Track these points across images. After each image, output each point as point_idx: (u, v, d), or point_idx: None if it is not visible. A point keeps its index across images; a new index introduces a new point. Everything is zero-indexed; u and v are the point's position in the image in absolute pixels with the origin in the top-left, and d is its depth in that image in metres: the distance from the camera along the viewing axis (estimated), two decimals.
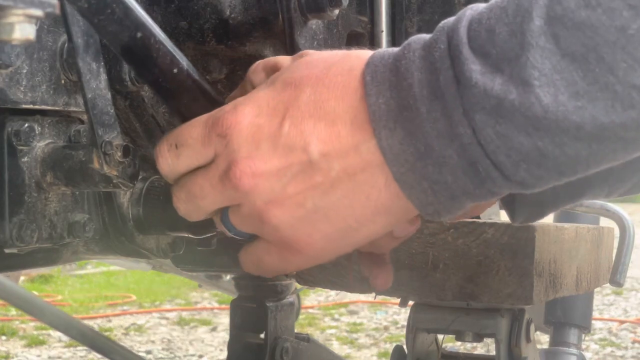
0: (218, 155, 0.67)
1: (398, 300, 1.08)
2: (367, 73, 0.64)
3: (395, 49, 0.65)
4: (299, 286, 1.22)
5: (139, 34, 0.67)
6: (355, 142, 0.64)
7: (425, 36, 0.63)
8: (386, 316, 5.71)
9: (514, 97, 0.58)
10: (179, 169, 0.70)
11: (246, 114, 0.66)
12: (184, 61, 0.71)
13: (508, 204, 0.83)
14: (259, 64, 0.76)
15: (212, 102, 0.73)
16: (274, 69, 0.73)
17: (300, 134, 0.64)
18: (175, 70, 0.70)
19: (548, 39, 0.57)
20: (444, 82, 0.60)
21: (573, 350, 1.84)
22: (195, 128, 0.68)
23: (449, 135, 0.60)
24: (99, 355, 1.34)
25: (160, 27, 0.76)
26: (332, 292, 5.93)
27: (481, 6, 0.62)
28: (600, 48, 0.56)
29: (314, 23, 0.92)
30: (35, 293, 3.89)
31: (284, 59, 0.74)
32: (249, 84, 0.75)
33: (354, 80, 0.64)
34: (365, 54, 0.67)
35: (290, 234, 0.66)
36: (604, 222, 1.60)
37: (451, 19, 0.62)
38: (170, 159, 0.70)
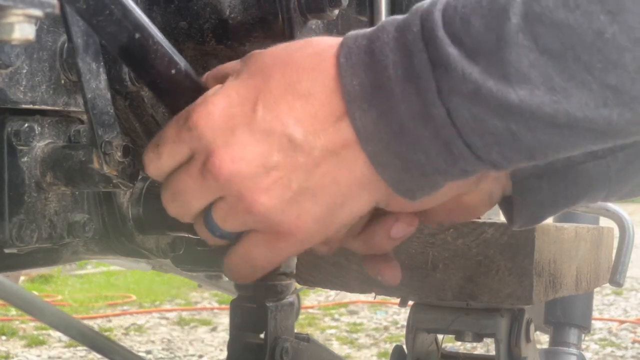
0: (195, 150, 0.66)
1: (398, 300, 1.08)
2: (341, 55, 0.64)
3: (368, 31, 0.65)
4: (299, 286, 1.22)
5: (137, 35, 0.67)
6: (333, 119, 0.64)
7: (398, 18, 0.64)
8: (386, 316, 5.71)
9: (491, 84, 0.58)
10: (163, 169, 0.69)
11: (216, 105, 0.66)
12: (182, 62, 0.71)
13: (506, 208, 0.83)
14: (207, 75, 0.75)
15: None
16: (225, 76, 0.72)
17: (276, 117, 0.64)
18: (173, 71, 0.70)
19: (526, 36, 0.58)
20: (418, 64, 0.61)
21: (573, 350, 1.84)
22: (170, 126, 0.68)
23: (422, 116, 0.61)
24: (99, 355, 1.34)
25: (160, 27, 0.76)
26: (332, 292, 5.92)
27: None
28: (578, 48, 0.57)
29: (314, 23, 0.92)
30: (35, 293, 3.89)
31: (233, 64, 0.73)
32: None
33: (323, 61, 0.64)
34: (328, 39, 0.67)
35: (279, 218, 0.65)
36: (604, 222, 1.60)
37: (425, 2, 0.63)
38: (155, 160, 0.70)
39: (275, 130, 0.64)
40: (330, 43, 0.66)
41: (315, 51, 0.66)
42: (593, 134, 0.59)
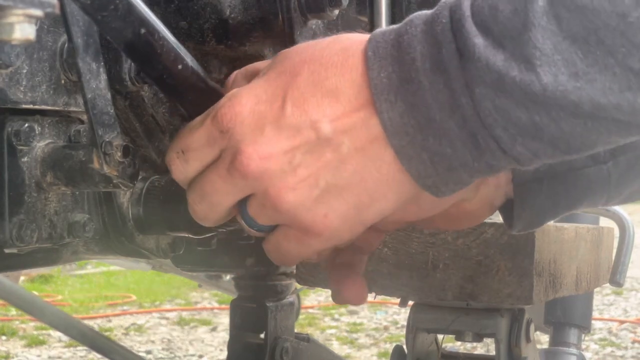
0: (224, 150, 0.67)
1: (398, 300, 1.08)
2: (369, 49, 0.64)
3: (396, 26, 0.65)
4: (299, 286, 1.22)
5: (142, 30, 0.67)
6: (361, 116, 0.64)
7: (427, 12, 0.64)
8: (386, 316, 5.71)
9: (515, 73, 0.59)
10: (191, 174, 0.70)
11: (244, 104, 0.66)
12: (188, 57, 0.71)
13: (505, 212, 0.83)
14: (237, 73, 0.75)
15: (218, 98, 0.73)
16: (254, 75, 0.72)
17: (304, 113, 0.64)
18: (179, 67, 0.70)
19: (550, 19, 0.58)
20: (446, 55, 0.61)
21: (573, 350, 1.84)
22: (196, 130, 0.68)
23: (450, 107, 0.61)
24: (99, 355, 1.34)
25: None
26: None
27: None
28: (601, 32, 0.57)
29: (314, 23, 0.92)
30: (35, 293, 3.89)
31: (263, 63, 0.74)
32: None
33: (351, 57, 0.65)
34: (355, 35, 0.67)
35: (307, 217, 0.66)
36: (604, 222, 1.60)
37: None
38: (181, 166, 0.70)
39: (303, 126, 0.64)
40: (358, 39, 0.66)
41: (343, 47, 0.66)
42: (616, 125, 0.59)
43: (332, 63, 0.65)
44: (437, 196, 0.66)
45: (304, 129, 0.64)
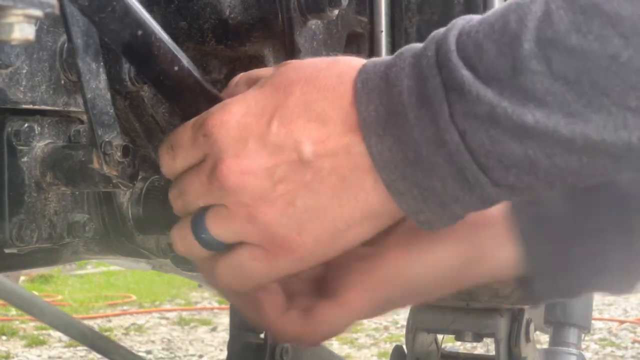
0: (207, 155, 0.66)
1: None
2: (358, 80, 0.64)
3: (388, 57, 0.65)
4: None
5: (139, 32, 0.67)
6: (345, 143, 0.63)
7: (417, 45, 0.63)
8: (386, 316, 5.71)
9: (506, 104, 0.58)
10: (177, 170, 0.70)
11: (233, 113, 0.66)
12: (184, 59, 0.71)
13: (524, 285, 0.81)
14: (240, 77, 0.75)
15: (213, 100, 0.73)
16: (255, 81, 0.72)
17: (289, 133, 0.64)
18: (176, 68, 0.70)
19: (540, 62, 0.57)
20: (431, 88, 0.60)
21: (573, 350, 1.84)
22: (185, 129, 0.69)
23: (436, 141, 0.60)
24: (99, 356, 1.34)
25: (160, 27, 0.76)
26: None
27: (474, 18, 0.62)
28: (593, 73, 0.56)
29: (314, 23, 0.92)
30: (35, 293, 3.89)
31: (266, 70, 0.74)
32: (230, 97, 0.75)
33: (343, 84, 0.64)
34: (354, 60, 0.67)
35: (281, 232, 0.65)
36: None
37: (442, 29, 0.63)
38: (170, 161, 0.70)
39: (287, 146, 0.64)
40: (354, 65, 0.66)
41: (338, 72, 0.65)
42: (613, 160, 0.58)
43: (325, 86, 0.65)
44: (431, 230, 0.66)
45: (286, 149, 0.64)
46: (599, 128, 0.57)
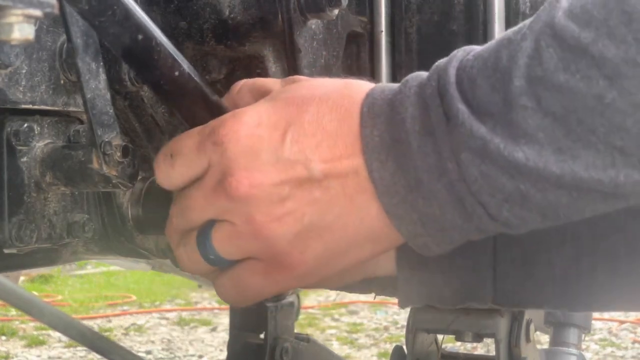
0: (213, 165, 0.66)
1: (398, 301, 1.07)
2: (364, 104, 0.65)
3: (396, 85, 0.65)
4: None
5: (140, 36, 0.67)
6: (355, 165, 0.64)
7: (423, 74, 0.64)
8: (386, 316, 5.71)
9: (498, 140, 0.59)
10: (174, 178, 0.69)
11: (245, 123, 0.65)
12: (185, 64, 0.71)
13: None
14: (243, 84, 0.75)
15: (213, 105, 0.73)
16: (260, 91, 0.72)
17: (302, 150, 0.64)
18: (176, 73, 0.70)
19: (530, 98, 0.58)
20: (434, 118, 0.61)
21: (573, 350, 1.84)
22: (190, 137, 0.68)
23: (438, 170, 0.61)
24: (99, 356, 1.34)
25: (160, 27, 0.76)
26: (332, 292, 5.93)
27: (473, 49, 0.63)
28: (580, 111, 0.57)
29: (314, 23, 0.92)
30: (35, 293, 3.89)
31: (272, 82, 0.74)
32: (231, 103, 0.74)
33: (354, 106, 0.65)
34: (366, 84, 0.67)
35: (284, 249, 0.65)
36: None
37: (445, 59, 0.63)
38: (165, 168, 0.69)
39: (298, 162, 0.64)
40: (364, 89, 0.66)
41: (350, 94, 0.66)
42: (601, 196, 0.59)
43: (337, 107, 0.65)
44: (429, 255, 0.66)
45: (298, 165, 0.64)
46: (587, 165, 0.58)
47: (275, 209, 0.64)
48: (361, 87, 0.67)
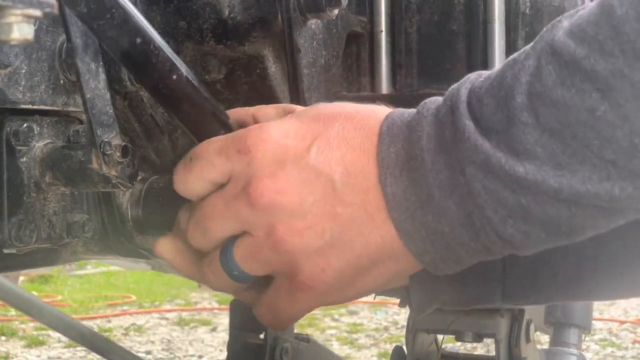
0: (236, 173, 0.66)
1: (398, 301, 1.07)
2: (384, 124, 0.66)
3: (414, 110, 0.67)
4: None
5: (138, 40, 0.67)
6: (375, 182, 0.64)
7: (440, 98, 0.66)
8: (386, 316, 5.71)
9: (500, 155, 0.60)
10: (191, 182, 0.69)
11: (272, 134, 0.66)
12: (183, 67, 0.71)
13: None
14: (270, 107, 0.76)
15: (211, 108, 0.73)
16: (285, 110, 0.74)
17: (327, 162, 0.65)
18: (174, 77, 0.70)
19: (530, 114, 0.59)
20: (448, 136, 0.62)
21: (573, 350, 1.84)
22: (212, 143, 0.68)
23: (449, 186, 0.62)
24: (98, 356, 1.34)
25: (159, 27, 0.76)
26: None
27: (483, 74, 0.64)
28: (574, 126, 0.58)
29: (313, 23, 0.92)
30: (35, 293, 3.89)
31: (296, 108, 0.75)
32: (251, 119, 0.75)
33: (377, 126, 0.66)
34: (387, 108, 0.69)
35: (305, 266, 0.65)
36: None
37: (458, 83, 0.65)
38: (183, 172, 0.69)
39: (323, 173, 0.65)
40: (387, 111, 0.68)
41: (375, 114, 0.67)
42: (599, 210, 0.60)
43: (362, 125, 0.66)
44: (436, 273, 0.66)
45: (322, 177, 0.65)
46: (584, 179, 0.59)
47: (297, 221, 0.64)
48: (384, 110, 0.68)
